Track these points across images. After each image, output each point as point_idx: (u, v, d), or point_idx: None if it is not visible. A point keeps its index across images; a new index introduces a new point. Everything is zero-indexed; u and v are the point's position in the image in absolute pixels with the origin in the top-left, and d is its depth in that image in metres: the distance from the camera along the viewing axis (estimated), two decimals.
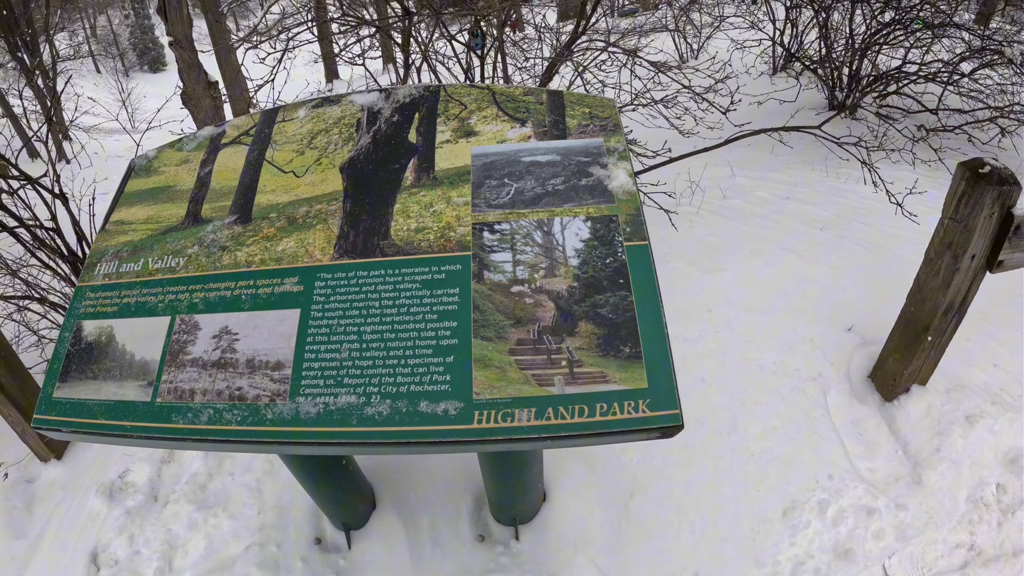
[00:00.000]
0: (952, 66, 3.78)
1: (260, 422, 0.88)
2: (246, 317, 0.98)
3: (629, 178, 0.99)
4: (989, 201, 1.35)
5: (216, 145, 1.30)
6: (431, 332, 0.89)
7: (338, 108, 1.25)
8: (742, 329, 2.04)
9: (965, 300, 1.59)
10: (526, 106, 1.14)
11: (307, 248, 1.02)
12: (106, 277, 1.13)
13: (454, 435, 0.81)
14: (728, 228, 2.61)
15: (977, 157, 1.43)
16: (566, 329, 0.87)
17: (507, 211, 0.98)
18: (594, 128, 1.08)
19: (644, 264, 0.91)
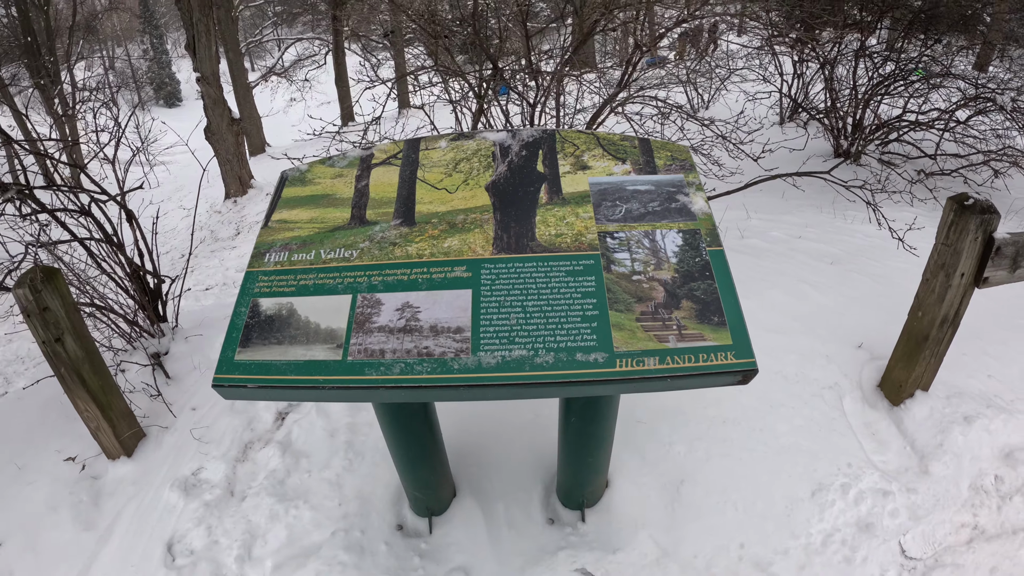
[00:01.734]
0: (948, 114, 4.53)
1: (448, 371, 1.23)
2: (424, 295, 1.35)
3: (705, 203, 1.47)
4: (973, 227, 1.83)
5: (368, 164, 1.76)
6: (578, 307, 1.30)
7: (474, 142, 1.68)
8: (766, 346, 2.50)
9: (958, 313, 2.04)
10: (623, 149, 1.61)
11: (469, 245, 1.43)
12: (278, 264, 1.48)
13: (604, 376, 1.20)
14: (747, 263, 3.11)
15: (963, 192, 1.92)
16: (673, 304, 1.30)
17: (621, 224, 1.44)
18: (675, 167, 1.56)
19: (721, 263, 1.36)
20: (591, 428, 1.69)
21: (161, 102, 30.53)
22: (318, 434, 2.34)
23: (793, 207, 3.87)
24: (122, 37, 29.49)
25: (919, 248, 2.93)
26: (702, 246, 1.40)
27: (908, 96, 4.59)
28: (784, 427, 2.23)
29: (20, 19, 12.91)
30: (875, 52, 4.67)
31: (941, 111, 4.52)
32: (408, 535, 2.01)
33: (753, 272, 3.03)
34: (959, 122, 4.51)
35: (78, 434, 2.36)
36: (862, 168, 4.46)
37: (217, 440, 2.35)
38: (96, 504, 2.20)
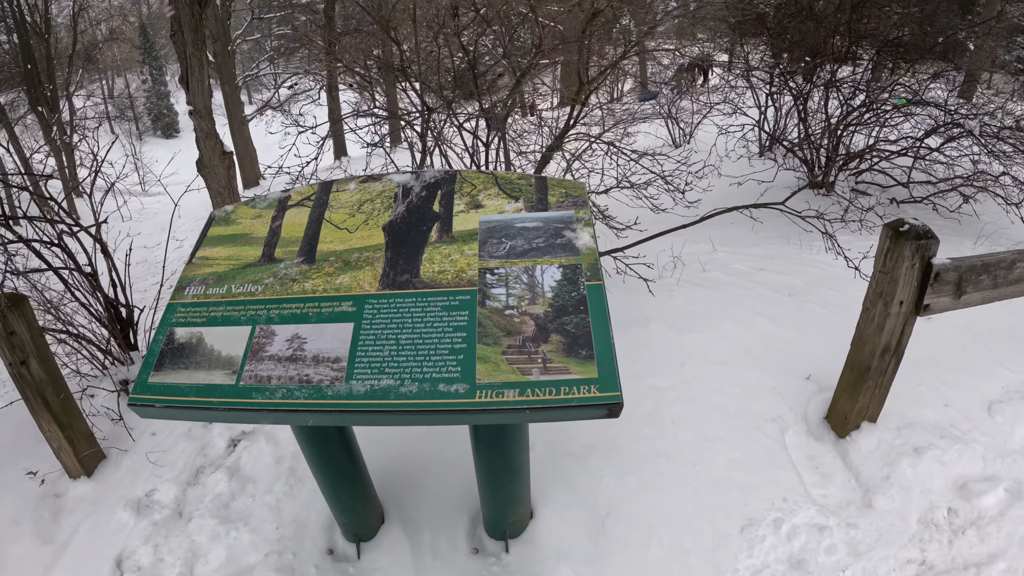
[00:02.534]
0: (918, 141, 4.52)
1: (323, 397, 1.34)
2: (312, 328, 1.47)
3: (591, 239, 1.52)
4: (909, 254, 1.79)
5: (284, 205, 1.87)
6: (448, 340, 1.38)
7: (380, 184, 1.80)
8: (711, 379, 2.51)
9: (900, 343, 2.02)
10: (519, 187, 1.70)
11: (358, 282, 1.54)
12: (195, 297, 1.63)
13: (462, 406, 1.27)
14: (705, 296, 3.14)
15: (900, 218, 1.89)
16: (542, 338, 1.36)
17: (503, 260, 1.51)
18: (568, 203, 1.63)
19: (598, 297, 1.41)
20: (501, 459, 1.73)
21: (159, 133, 31.03)
22: (265, 460, 2.43)
23: (761, 239, 3.88)
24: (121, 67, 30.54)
25: None
26: (581, 280, 1.45)
27: (880, 125, 4.60)
28: (720, 461, 2.21)
29: (21, 46, 13.28)
30: (846, 82, 4.70)
31: (913, 139, 4.50)
32: (338, 559, 2.05)
33: (710, 306, 3.05)
34: (931, 149, 4.49)
35: (45, 454, 2.50)
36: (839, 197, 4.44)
37: (171, 464, 2.47)
38: (56, 520, 2.34)
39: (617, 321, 2.89)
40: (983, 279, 1.97)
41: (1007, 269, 2.02)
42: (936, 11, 13.37)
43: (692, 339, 2.75)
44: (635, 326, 2.88)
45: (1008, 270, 2.04)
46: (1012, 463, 2.16)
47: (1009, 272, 2.05)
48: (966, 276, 1.91)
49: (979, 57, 9.55)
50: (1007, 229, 4.30)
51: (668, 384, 2.49)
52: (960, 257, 1.91)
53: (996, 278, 2.01)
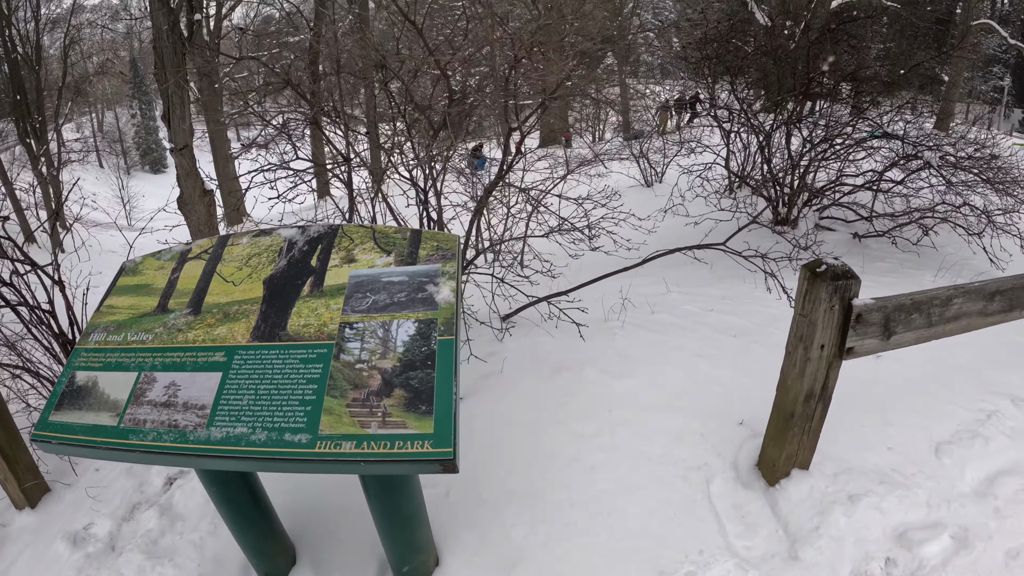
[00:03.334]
0: (880, 175, 4.52)
1: (185, 441, 1.44)
2: (187, 376, 1.58)
3: (451, 293, 1.58)
4: (826, 295, 1.74)
5: (184, 258, 1.97)
6: (300, 391, 1.47)
7: (269, 238, 1.89)
8: (638, 425, 2.49)
9: (825, 387, 1.96)
10: (394, 241, 1.77)
11: (233, 333, 1.64)
12: (97, 343, 1.76)
13: (303, 456, 1.34)
14: (647, 340, 3.14)
15: (817, 259, 1.86)
16: (386, 393, 1.41)
17: (363, 315, 1.59)
18: (437, 257, 1.69)
19: (448, 352, 1.46)
20: (390, 506, 1.75)
21: (147, 168, 31.09)
22: (197, 499, 2.47)
23: (717, 278, 3.88)
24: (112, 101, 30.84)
25: None
26: (433, 335, 1.51)
27: (841, 160, 4.62)
28: (636, 511, 2.19)
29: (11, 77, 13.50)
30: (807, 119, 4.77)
31: (875, 172, 4.51)
32: None
33: (651, 349, 3.06)
34: (895, 182, 4.49)
35: None
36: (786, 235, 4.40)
37: (110, 499, 2.55)
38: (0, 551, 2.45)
39: (550, 367, 2.92)
40: (915, 318, 1.92)
41: (943, 306, 1.97)
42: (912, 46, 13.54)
43: (626, 384, 2.75)
44: (568, 372, 2.88)
45: (944, 307, 1.98)
46: (959, 508, 2.10)
47: (945, 309, 1.99)
48: (894, 316, 1.86)
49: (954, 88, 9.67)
50: (969, 260, 4.26)
51: (593, 431, 2.48)
52: (885, 297, 1.87)
53: (931, 316, 1.97)
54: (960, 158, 4.46)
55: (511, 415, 2.64)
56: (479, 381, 2.89)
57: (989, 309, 2.12)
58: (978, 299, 2.05)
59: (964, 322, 2.06)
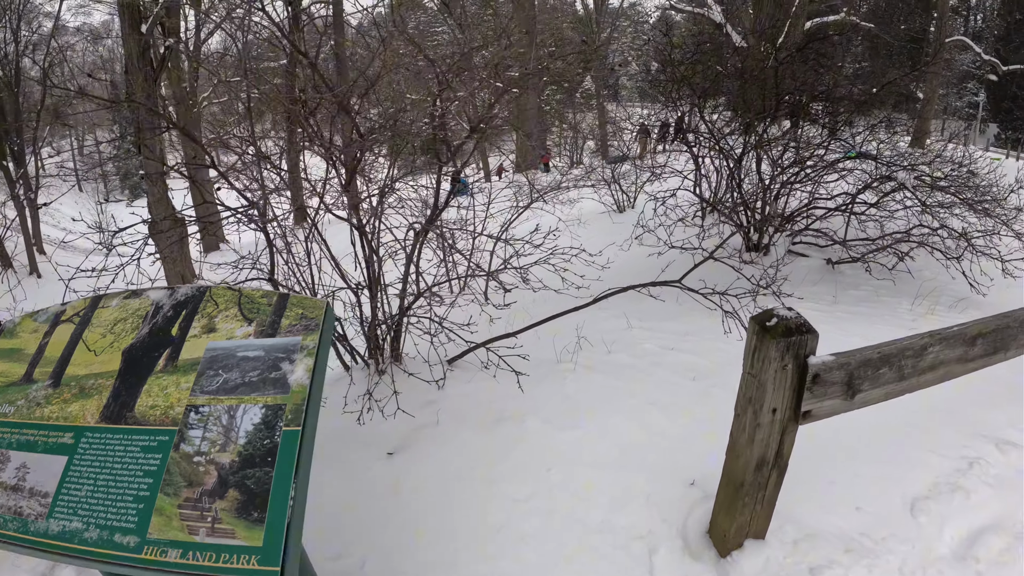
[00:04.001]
0: (854, 197, 4.34)
1: (25, 531, 1.31)
2: (38, 457, 1.41)
3: (306, 373, 1.35)
4: (776, 354, 1.49)
5: (57, 320, 1.74)
6: (136, 485, 1.28)
7: (138, 301, 1.65)
8: (577, 487, 2.21)
9: (780, 454, 1.70)
10: (259, 307, 1.53)
11: (84, 412, 1.44)
12: None
13: (129, 561, 1.20)
14: (599, 384, 2.88)
15: (768, 309, 1.62)
16: (219, 493, 1.21)
17: (211, 397, 1.36)
18: (299, 327, 1.45)
19: (290, 446, 1.25)
20: None
21: (127, 192, 30.53)
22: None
23: (683, 312, 3.64)
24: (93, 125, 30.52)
25: None
26: (279, 425, 1.30)
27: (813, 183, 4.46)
28: None
29: None
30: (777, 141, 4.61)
31: (849, 195, 4.34)
32: None
33: (602, 395, 2.80)
34: (869, 204, 4.31)
35: None
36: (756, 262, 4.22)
37: None
38: None
39: (491, 418, 2.67)
40: (884, 373, 1.66)
41: (916, 357, 1.72)
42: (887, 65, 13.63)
43: (569, 437, 2.49)
44: (509, 423, 2.62)
45: (918, 357, 1.72)
46: (937, 574, 1.84)
47: (919, 360, 1.73)
48: (859, 373, 1.61)
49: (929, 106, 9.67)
50: (948, 285, 4.04)
51: (528, 493, 2.21)
52: (849, 352, 1.62)
53: (902, 369, 1.71)
54: (936, 178, 4.30)
55: (441, 474, 2.39)
56: (412, 434, 2.63)
57: (970, 354, 1.88)
58: (957, 345, 1.80)
59: (942, 371, 1.81)
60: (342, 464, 2.53)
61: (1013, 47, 20.62)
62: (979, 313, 3.73)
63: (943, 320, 3.52)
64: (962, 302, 3.80)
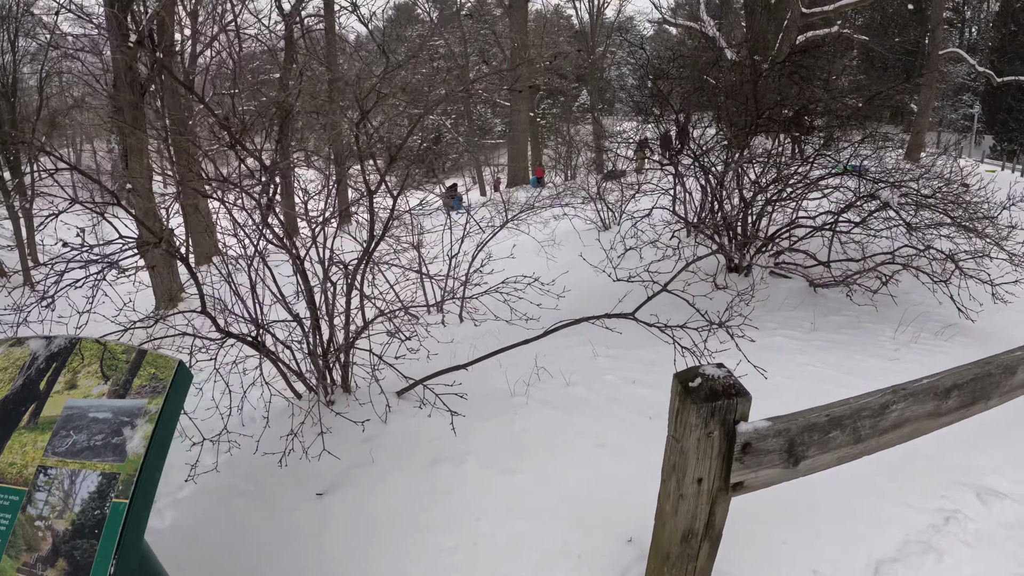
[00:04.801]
0: (837, 216, 4.17)
1: None
2: None
3: (142, 441, 1.28)
4: (699, 421, 1.31)
5: None
6: None
7: (19, 349, 1.54)
8: (506, 541, 2.02)
9: (711, 525, 1.50)
10: (117, 364, 1.44)
11: None
12: None
13: None
14: (549, 422, 2.68)
15: (694, 367, 1.42)
16: (51, 562, 1.16)
17: (59, 459, 1.28)
18: (148, 389, 1.37)
19: (116, 520, 1.19)
20: None
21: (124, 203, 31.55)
22: None
23: (653, 339, 3.39)
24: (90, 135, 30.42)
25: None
26: (110, 497, 1.24)
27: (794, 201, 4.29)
28: None
29: None
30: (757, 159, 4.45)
31: (833, 214, 4.16)
32: None
33: (551, 435, 2.59)
34: (854, 223, 4.12)
35: None
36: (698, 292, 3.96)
37: None
38: None
39: (429, 458, 2.50)
40: (835, 436, 1.44)
41: (876, 416, 1.49)
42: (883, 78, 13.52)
43: (508, 483, 2.29)
44: (448, 464, 2.43)
45: (878, 417, 1.50)
46: None
47: (880, 419, 1.50)
48: (803, 439, 1.39)
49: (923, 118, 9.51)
50: (934, 311, 3.82)
51: (452, 544, 2.03)
52: (789, 416, 1.39)
53: (858, 431, 1.48)
54: (923, 196, 4.12)
55: (369, 518, 2.22)
56: (346, 473, 2.46)
57: (943, 408, 1.66)
58: (927, 400, 1.58)
59: (908, 429, 1.59)
60: (270, 504, 2.38)
61: (1008, 58, 20.54)
62: (967, 340, 3.53)
63: (927, 349, 3.31)
64: (949, 328, 3.57)
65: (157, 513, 2.50)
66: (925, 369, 3.01)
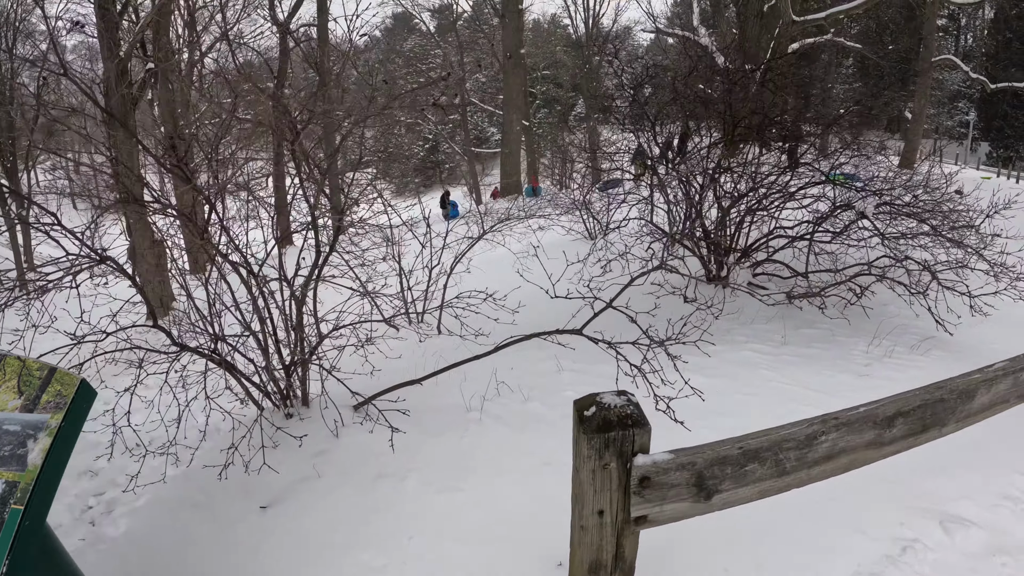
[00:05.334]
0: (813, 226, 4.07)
1: None
2: None
3: (40, 453, 1.38)
4: (590, 452, 1.24)
5: None
6: None
7: None
8: (435, 560, 1.95)
9: (620, 558, 1.41)
10: (32, 380, 1.50)
11: None
12: None
13: None
14: (499, 438, 2.60)
15: (592, 394, 1.35)
16: None
17: None
18: (53, 405, 1.44)
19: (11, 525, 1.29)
20: None
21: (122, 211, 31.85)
22: None
23: None
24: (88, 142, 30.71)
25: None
26: (9, 503, 1.34)
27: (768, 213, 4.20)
28: None
29: None
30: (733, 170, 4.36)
31: (811, 223, 4.06)
32: None
33: (497, 451, 2.51)
34: (834, 234, 4.02)
35: None
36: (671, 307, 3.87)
37: None
38: None
39: (372, 474, 2.45)
40: (753, 469, 1.35)
41: (802, 448, 1.39)
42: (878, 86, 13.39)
43: (446, 501, 2.23)
44: (390, 480, 2.37)
45: (806, 448, 1.40)
46: None
47: (808, 450, 1.40)
48: (714, 472, 1.30)
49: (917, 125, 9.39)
50: (912, 324, 3.70)
51: (382, 564, 1.98)
52: (695, 448, 1.30)
53: (782, 464, 1.39)
54: (898, 205, 4.01)
55: (305, 534, 2.18)
56: (293, 487, 2.43)
57: (886, 437, 1.56)
58: (865, 429, 1.47)
59: (845, 460, 1.48)
60: (215, 516, 2.37)
61: (1003, 65, 20.45)
62: (944, 354, 3.40)
63: (901, 364, 3.18)
64: (927, 342, 3.46)
65: (112, 521, 2.56)
66: (895, 385, 2.91)
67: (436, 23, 23.01)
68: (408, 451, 2.52)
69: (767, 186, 4.24)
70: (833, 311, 3.71)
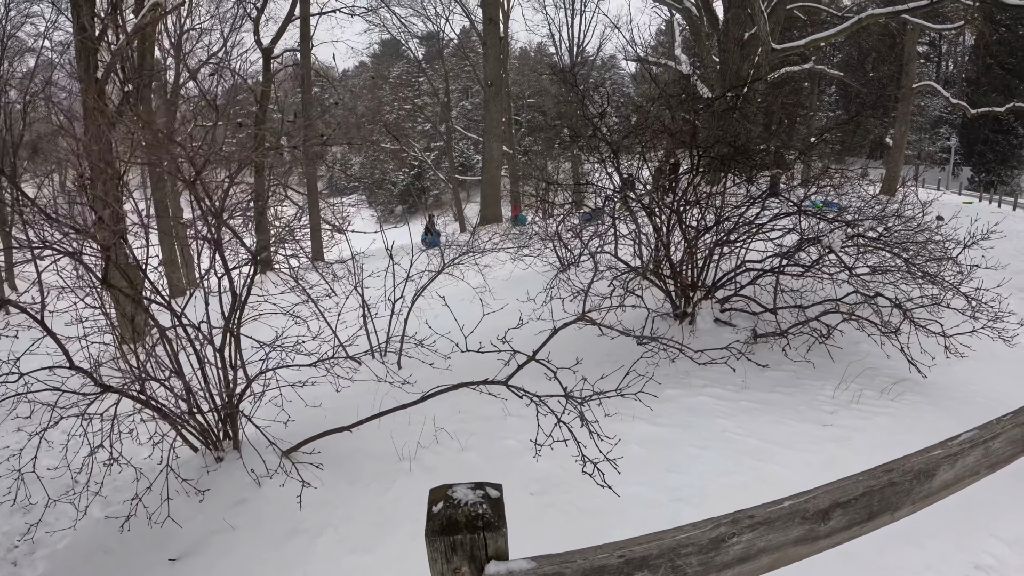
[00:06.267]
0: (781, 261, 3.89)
1: None
2: None
3: None
4: (435, 554, 1.04)
5: None
6: None
7: None
8: None
9: None
10: None
11: None
12: None
13: None
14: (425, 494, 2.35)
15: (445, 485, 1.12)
16: None
17: None
18: None
19: None
20: None
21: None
22: None
23: None
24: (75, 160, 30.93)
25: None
26: None
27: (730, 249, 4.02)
28: None
29: None
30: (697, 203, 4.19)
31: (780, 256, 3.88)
32: None
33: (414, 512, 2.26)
34: (805, 268, 3.83)
35: None
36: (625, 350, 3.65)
37: None
38: None
39: (286, 528, 2.27)
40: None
41: (707, 552, 1.14)
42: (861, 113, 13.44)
43: (355, 564, 2.08)
44: (301, 537, 2.21)
45: (711, 552, 1.14)
46: None
47: (715, 554, 1.14)
48: None
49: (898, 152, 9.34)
50: (883, 365, 3.47)
51: None
52: (566, 555, 1.05)
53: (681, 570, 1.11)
54: (868, 238, 3.83)
55: None
56: (206, 539, 2.30)
57: (821, 531, 1.33)
58: (791, 526, 1.21)
59: (767, 559, 1.24)
60: (127, 565, 2.29)
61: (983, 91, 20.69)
62: (916, 399, 3.17)
63: (868, 410, 2.93)
64: (899, 385, 3.22)
65: (32, 564, 2.53)
66: (859, 436, 2.69)
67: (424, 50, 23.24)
68: (329, 504, 2.35)
69: (735, 219, 4.07)
70: (799, 352, 3.48)
